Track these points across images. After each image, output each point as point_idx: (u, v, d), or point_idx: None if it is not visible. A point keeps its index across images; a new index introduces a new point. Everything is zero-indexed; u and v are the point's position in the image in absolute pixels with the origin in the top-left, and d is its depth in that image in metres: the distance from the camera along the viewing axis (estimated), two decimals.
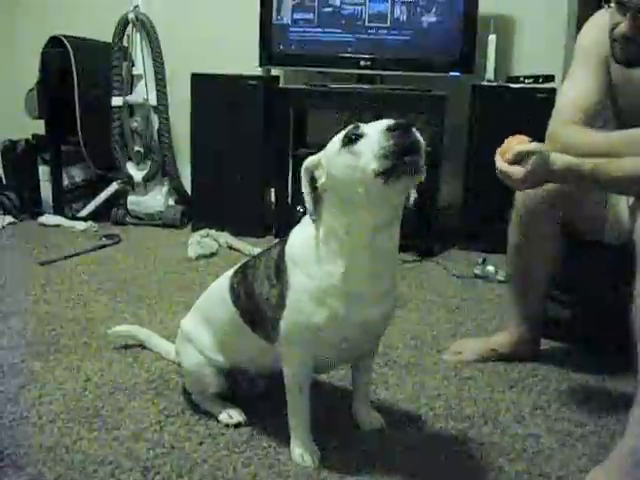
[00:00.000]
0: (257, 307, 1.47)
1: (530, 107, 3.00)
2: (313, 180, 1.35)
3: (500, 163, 1.65)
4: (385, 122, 1.23)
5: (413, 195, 1.39)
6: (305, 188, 1.36)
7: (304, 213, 1.39)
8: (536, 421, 1.67)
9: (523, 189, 1.74)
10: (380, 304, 1.39)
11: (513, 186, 1.71)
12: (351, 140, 1.26)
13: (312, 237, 1.37)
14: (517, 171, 1.61)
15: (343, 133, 1.29)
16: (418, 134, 1.23)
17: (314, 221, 1.35)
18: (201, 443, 1.52)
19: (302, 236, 1.40)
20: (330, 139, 1.33)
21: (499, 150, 1.67)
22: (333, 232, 1.33)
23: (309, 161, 1.37)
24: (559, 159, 1.62)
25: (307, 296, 1.35)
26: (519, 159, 1.61)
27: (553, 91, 2.96)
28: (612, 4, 1.65)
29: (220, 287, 1.60)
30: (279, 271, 1.41)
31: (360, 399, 1.62)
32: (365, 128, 1.26)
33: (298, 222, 1.44)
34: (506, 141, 1.67)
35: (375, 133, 1.23)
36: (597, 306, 2.08)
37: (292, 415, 1.48)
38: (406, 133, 1.21)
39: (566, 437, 1.60)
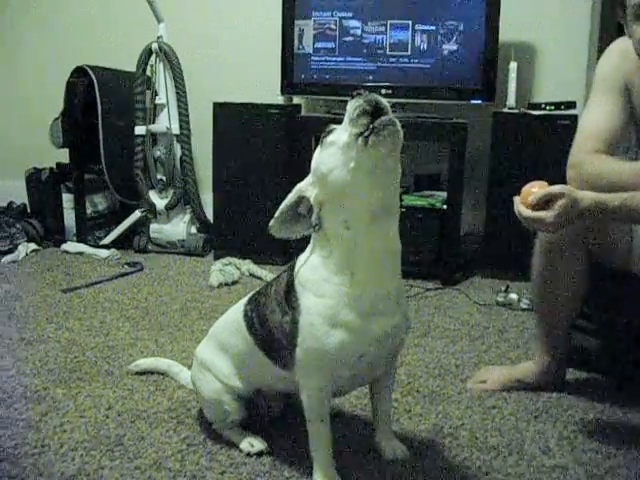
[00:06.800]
0: (271, 335, 1.47)
1: (552, 134, 3.02)
2: (301, 204, 1.42)
3: (525, 211, 1.58)
4: None
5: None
6: (287, 200, 1.44)
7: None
8: (562, 452, 1.64)
9: (554, 232, 1.64)
10: (391, 315, 1.39)
11: (543, 231, 1.66)
12: (326, 136, 1.36)
13: (316, 257, 1.40)
14: (546, 215, 1.54)
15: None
16: (382, 99, 1.31)
17: (314, 230, 1.39)
18: (223, 473, 1.51)
19: (307, 259, 1.42)
20: None
21: (518, 198, 1.61)
22: (335, 236, 1.35)
23: (299, 185, 1.44)
24: (586, 197, 1.56)
25: (320, 318, 1.35)
26: (543, 203, 1.55)
27: (574, 118, 2.95)
28: (629, 17, 1.64)
29: (235, 314, 1.60)
30: (289, 297, 1.42)
31: (382, 428, 1.60)
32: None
33: None
34: (524, 188, 1.60)
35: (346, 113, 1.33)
36: (624, 335, 2.05)
37: (314, 445, 1.46)
38: (371, 95, 1.31)
39: (594, 469, 1.56)
